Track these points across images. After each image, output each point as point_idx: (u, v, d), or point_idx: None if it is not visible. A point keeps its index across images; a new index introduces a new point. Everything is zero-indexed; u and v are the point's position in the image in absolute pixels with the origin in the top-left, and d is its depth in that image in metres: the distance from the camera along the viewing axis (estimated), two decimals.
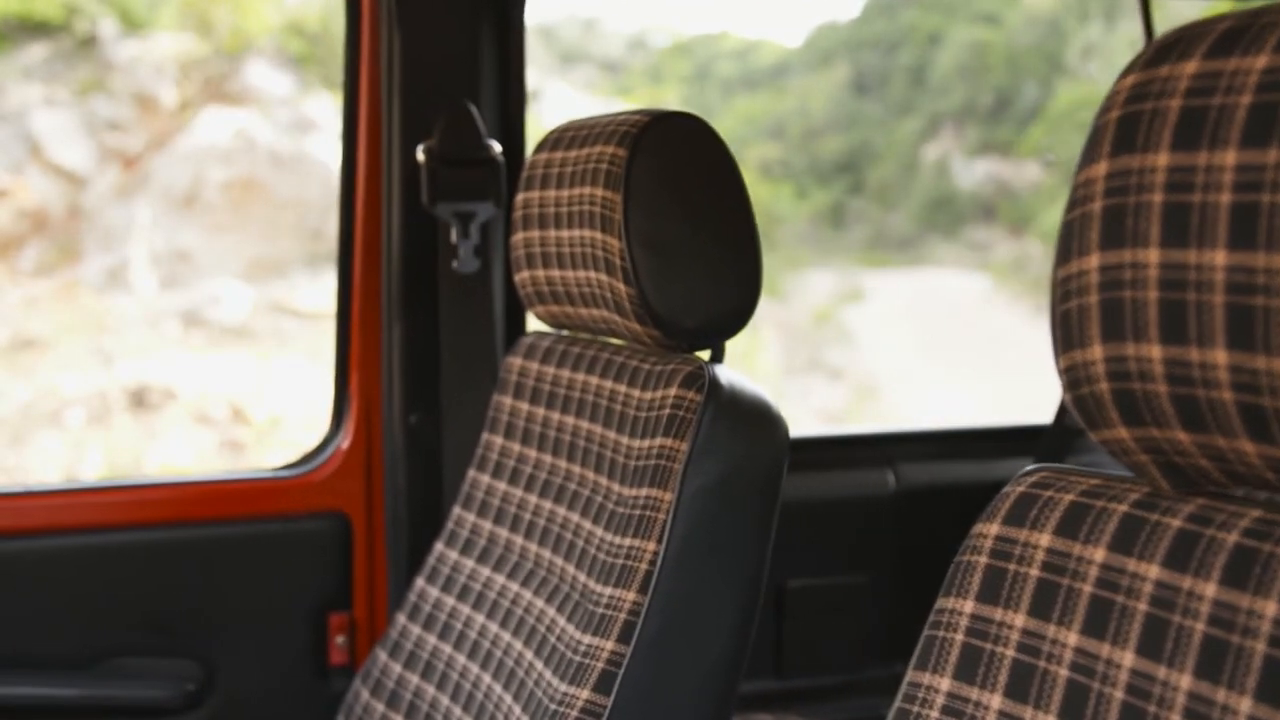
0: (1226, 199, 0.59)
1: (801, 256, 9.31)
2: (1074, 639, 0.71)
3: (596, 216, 1.19)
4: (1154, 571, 0.68)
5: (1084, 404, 0.69)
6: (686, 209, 1.17)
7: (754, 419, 1.16)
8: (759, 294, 1.20)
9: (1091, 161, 0.67)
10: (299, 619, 1.76)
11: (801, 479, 1.88)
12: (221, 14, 7.51)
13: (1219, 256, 0.59)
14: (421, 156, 1.69)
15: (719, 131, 1.22)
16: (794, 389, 7.94)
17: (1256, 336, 0.58)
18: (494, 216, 1.73)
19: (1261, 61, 0.59)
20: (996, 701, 0.74)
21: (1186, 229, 0.61)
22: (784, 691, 1.98)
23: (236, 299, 6.95)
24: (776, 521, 1.18)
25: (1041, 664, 0.72)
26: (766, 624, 1.94)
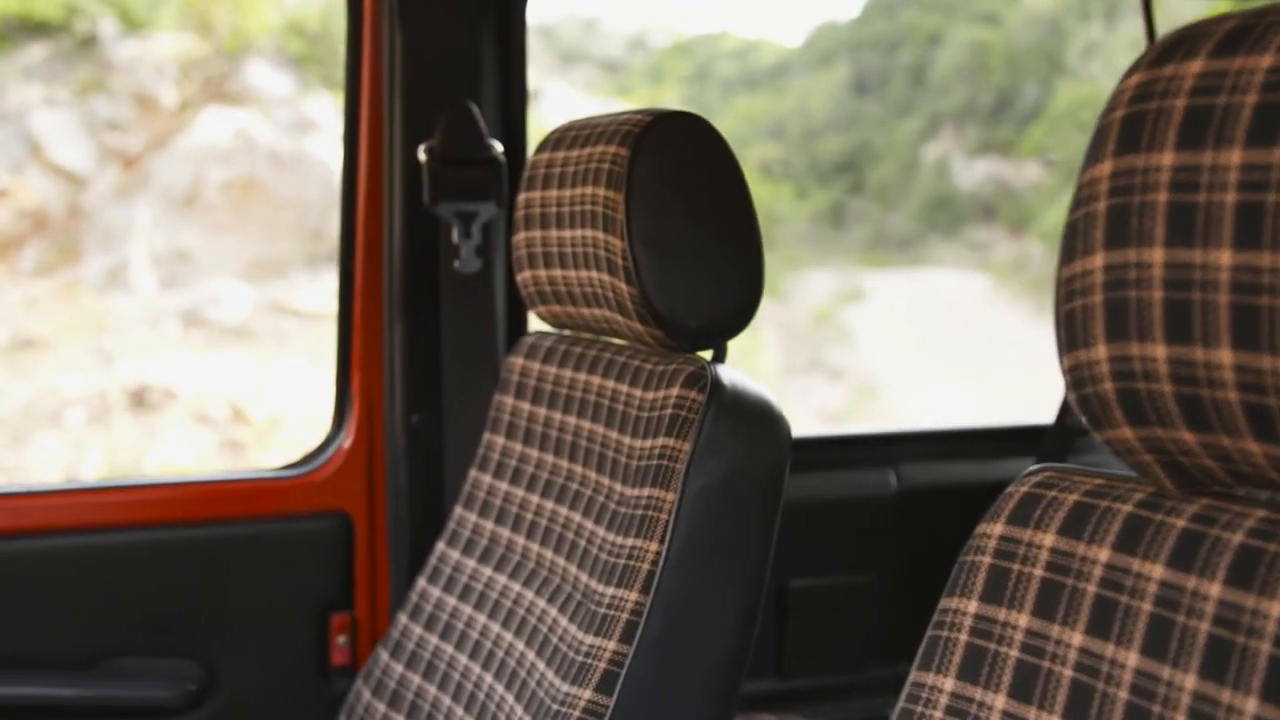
0: (1232, 198, 0.59)
1: (801, 256, 9.30)
2: (1078, 639, 0.71)
3: (598, 216, 1.19)
4: (1158, 571, 0.68)
5: (1088, 404, 0.69)
6: (689, 209, 1.17)
7: (756, 419, 1.16)
8: (761, 294, 1.20)
9: (1096, 161, 0.67)
10: (300, 619, 1.75)
11: (804, 479, 1.88)
12: (221, 14, 7.51)
13: (1224, 256, 0.59)
14: (423, 156, 1.69)
15: (719, 131, 1.21)
16: (794, 389, 7.94)
17: (1262, 336, 0.58)
18: (495, 216, 1.73)
19: (1267, 61, 0.59)
20: (1000, 702, 0.74)
21: (1191, 228, 0.61)
22: (786, 691, 1.98)
23: (236, 299, 6.94)
24: (779, 521, 1.18)
25: (1046, 664, 0.72)
26: (768, 624, 1.94)
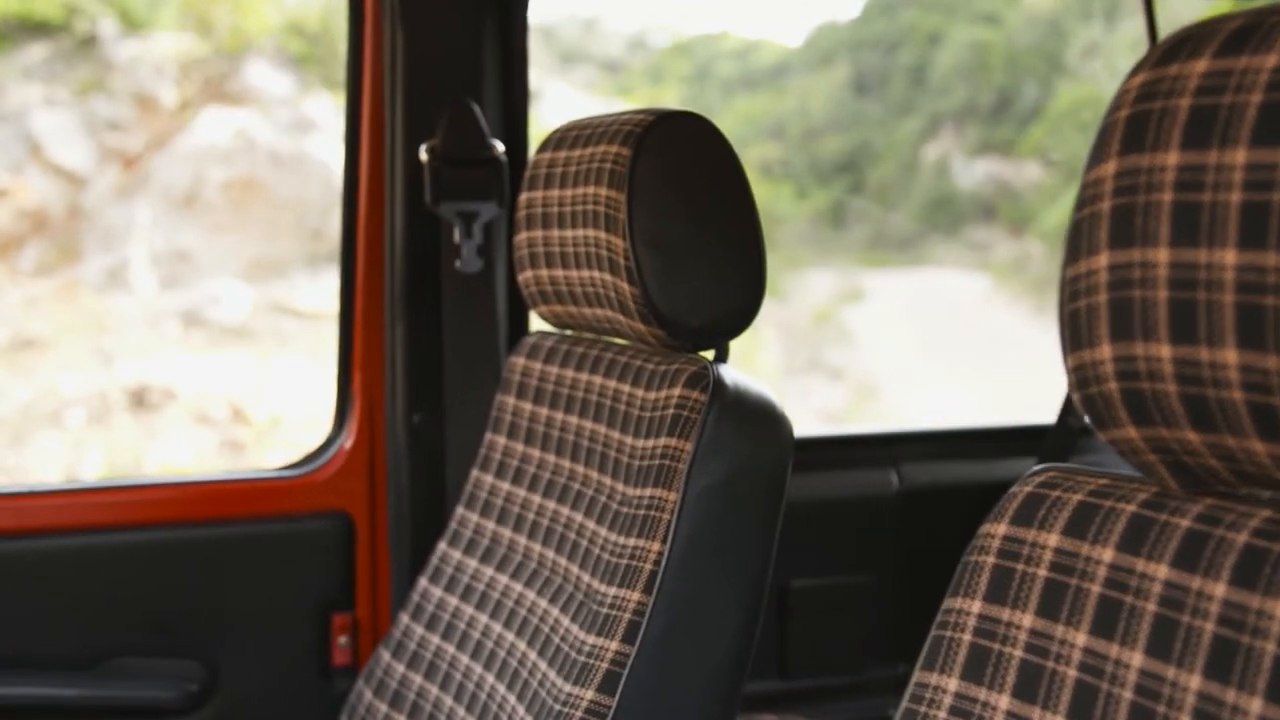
0: (1237, 198, 0.59)
1: (801, 256, 9.29)
2: (1082, 639, 0.71)
3: (601, 216, 1.19)
4: (1163, 571, 0.67)
5: (1093, 403, 0.69)
6: (691, 208, 1.17)
7: (758, 419, 1.16)
8: (763, 294, 1.20)
9: (1100, 160, 0.66)
10: (302, 619, 1.75)
11: (805, 479, 1.88)
12: (221, 14, 7.51)
13: (1229, 256, 0.59)
14: (424, 156, 1.69)
15: (721, 131, 1.21)
16: (794, 389, 7.93)
17: (1267, 336, 0.58)
18: (497, 216, 1.73)
19: (1272, 60, 0.59)
20: (1004, 702, 0.74)
21: (1196, 228, 0.61)
22: (787, 692, 1.98)
23: (236, 299, 6.94)
24: (781, 521, 1.18)
25: (1050, 664, 0.72)
26: (770, 624, 1.94)
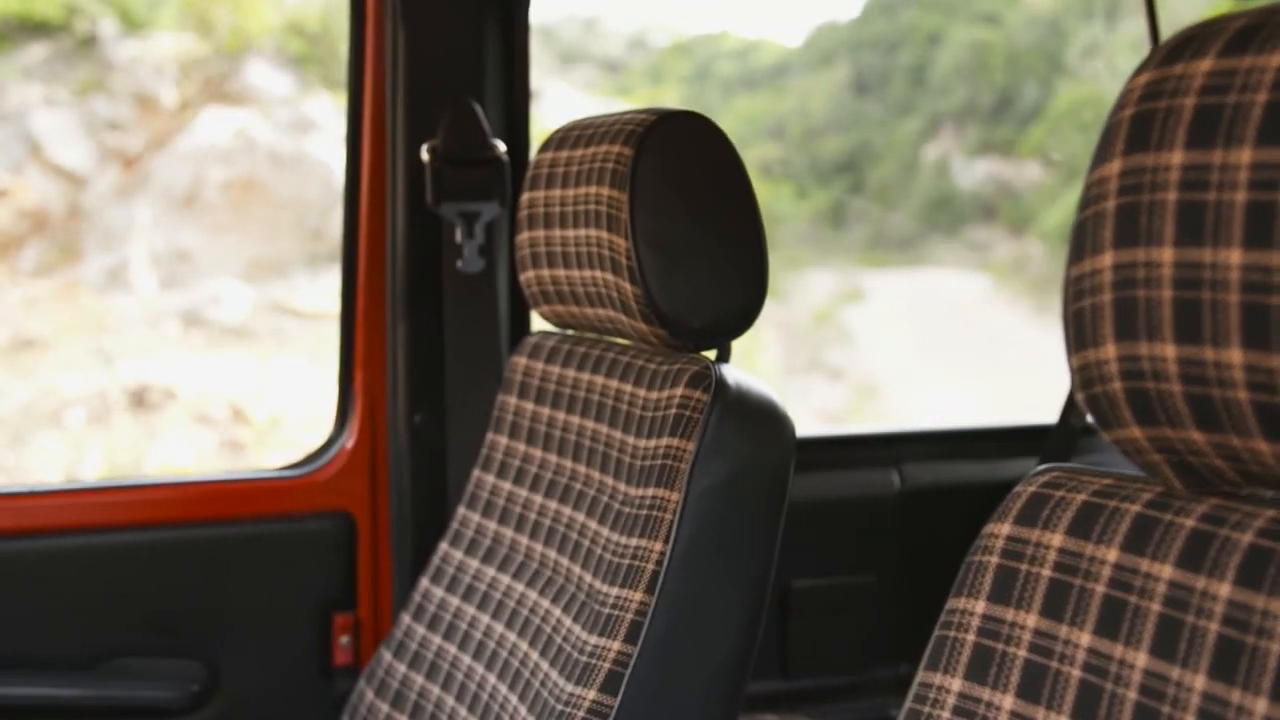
0: (1242, 197, 0.59)
1: (801, 256, 9.29)
2: (1087, 639, 0.70)
3: (602, 216, 1.19)
4: (1167, 571, 0.67)
5: (1097, 403, 0.69)
6: (693, 208, 1.17)
7: (761, 419, 1.16)
8: (765, 293, 1.20)
9: (1105, 160, 0.66)
10: (303, 619, 1.75)
11: (807, 479, 1.88)
12: (221, 14, 7.50)
13: (1234, 255, 0.59)
14: (426, 156, 1.69)
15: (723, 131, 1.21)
16: (794, 389, 7.93)
17: (1272, 336, 0.58)
18: (498, 216, 1.73)
19: (1277, 59, 0.59)
20: (1009, 702, 0.74)
21: (1201, 227, 0.61)
22: (789, 692, 1.98)
23: (236, 299, 6.94)
24: (783, 521, 1.18)
25: (1054, 664, 0.72)
26: (771, 624, 1.94)
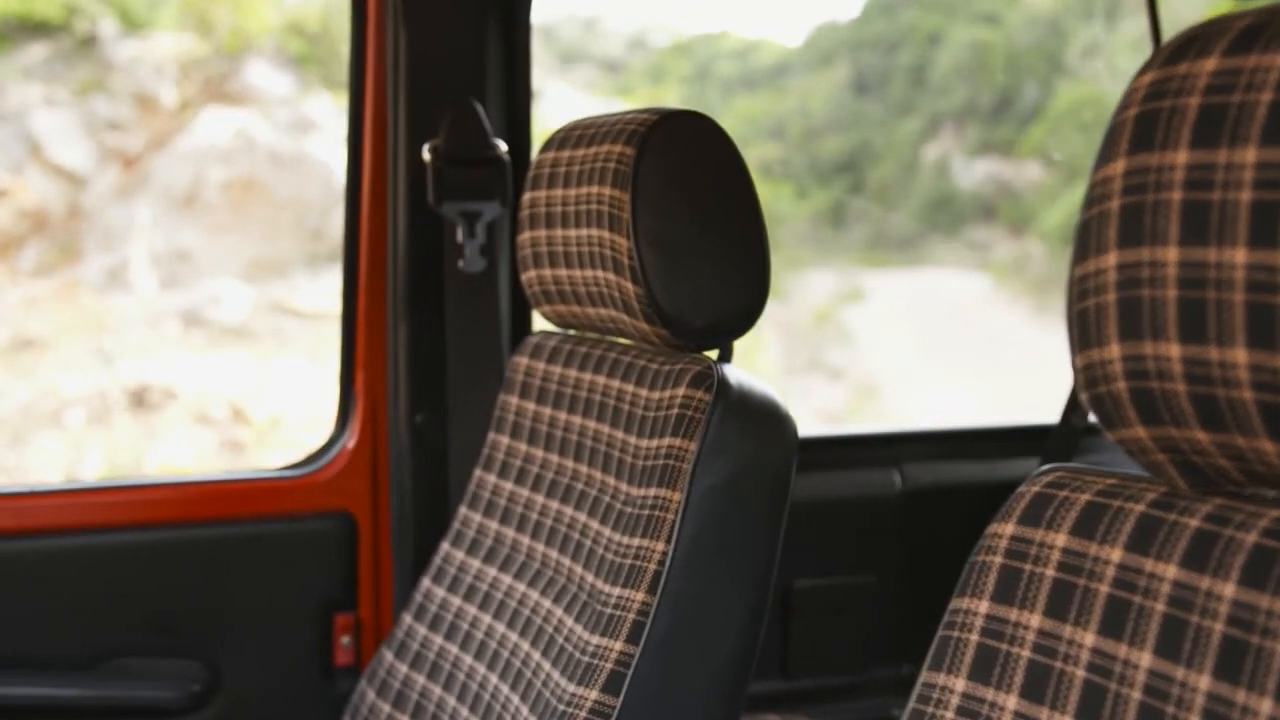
0: (1247, 196, 0.59)
1: (802, 256, 9.29)
2: (1091, 639, 0.70)
3: (604, 215, 1.18)
4: (1172, 571, 0.67)
5: (1101, 403, 0.69)
6: (695, 208, 1.17)
7: (763, 419, 1.16)
8: (767, 293, 1.20)
9: (1109, 159, 0.66)
10: (304, 619, 1.75)
11: (808, 479, 1.88)
12: (221, 14, 7.50)
13: (1239, 255, 0.59)
14: (427, 155, 1.69)
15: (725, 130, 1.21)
16: (794, 389, 7.93)
17: (1277, 335, 0.58)
18: (500, 216, 1.73)
19: None
20: (1012, 702, 0.73)
21: (1206, 227, 0.60)
22: (790, 692, 1.98)
23: (236, 299, 6.94)
24: (785, 521, 1.18)
25: (1058, 665, 0.72)
26: (772, 624, 1.94)
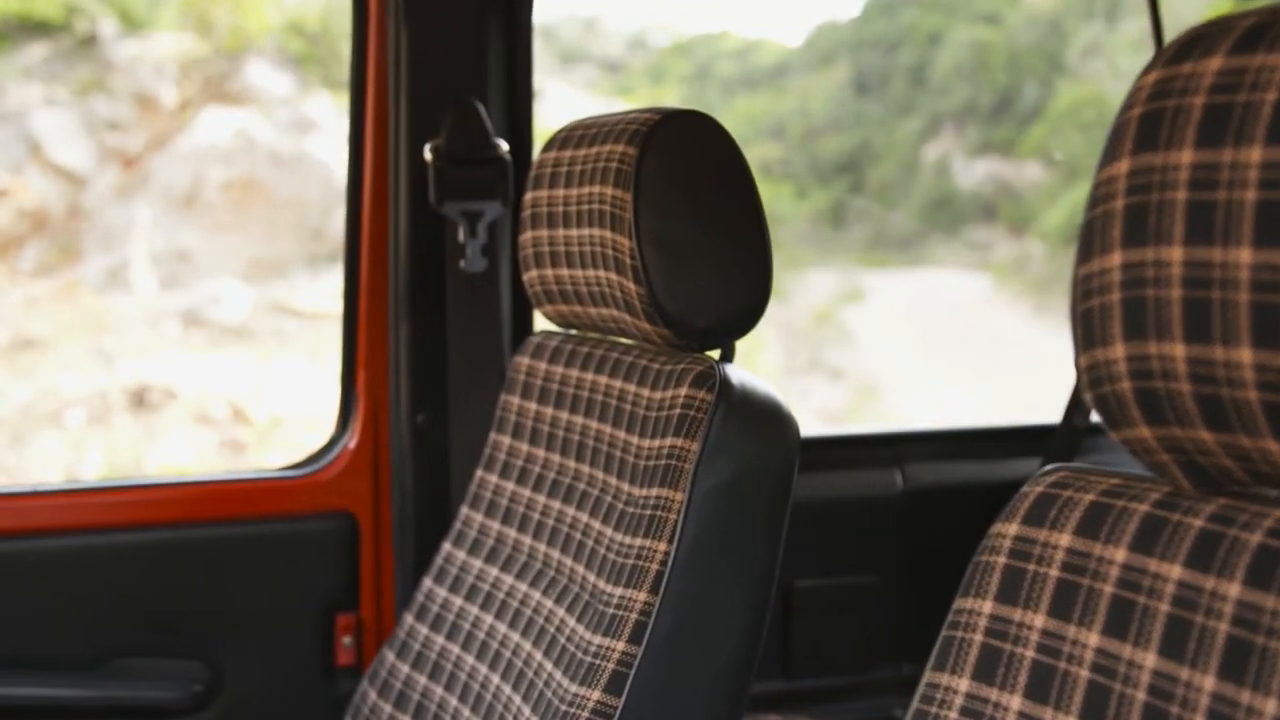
0: (1252, 196, 0.59)
1: (802, 256, 9.29)
2: (1095, 640, 0.70)
3: (606, 215, 1.18)
4: (1176, 572, 0.67)
5: (1105, 403, 0.69)
6: (697, 208, 1.17)
7: (765, 419, 1.16)
8: (769, 293, 1.20)
9: (1113, 159, 0.66)
10: (306, 619, 1.75)
11: (809, 479, 1.88)
12: (221, 14, 7.50)
13: (1244, 254, 0.59)
14: (428, 155, 1.68)
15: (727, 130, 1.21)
16: (795, 389, 7.93)
17: None
18: (501, 215, 1.73)
19: None
20: (1016, 702, 0.73)
21: (1211, 227, 0.60)
22: (791, 692, 1.97)
23: (236, 299, 6.94)
24: (787, 521, 1.17)
25: (1062, 665, 0.72)
26: (774, 624, 1.94)
